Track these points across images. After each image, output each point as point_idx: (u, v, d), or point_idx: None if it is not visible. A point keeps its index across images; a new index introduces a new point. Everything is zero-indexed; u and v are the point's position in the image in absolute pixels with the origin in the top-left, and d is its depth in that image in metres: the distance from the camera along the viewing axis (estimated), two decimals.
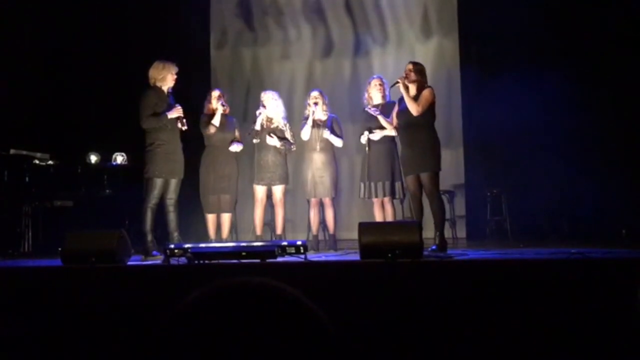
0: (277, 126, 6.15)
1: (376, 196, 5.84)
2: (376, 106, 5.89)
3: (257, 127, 6.05)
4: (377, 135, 5.80)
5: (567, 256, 3.99)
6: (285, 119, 6.24)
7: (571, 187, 6.77)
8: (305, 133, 6.07)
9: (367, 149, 5.86)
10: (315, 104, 6.08)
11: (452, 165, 7.17)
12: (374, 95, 5.97)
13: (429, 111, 5.20)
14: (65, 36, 7.78)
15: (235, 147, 6.08)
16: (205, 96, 6.22)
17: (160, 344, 0.73)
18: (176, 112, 5.44)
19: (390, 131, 5.78)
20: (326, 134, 6.04)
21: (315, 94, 6.19)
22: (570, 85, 6.81)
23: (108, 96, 7.51)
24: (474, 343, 3.39)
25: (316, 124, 6.09)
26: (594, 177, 6.61)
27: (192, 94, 6.39)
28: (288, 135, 6.15)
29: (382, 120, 5.74)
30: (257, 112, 6.12)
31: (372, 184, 5.84)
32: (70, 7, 7.77)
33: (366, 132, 5.85)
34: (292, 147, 6.21)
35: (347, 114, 7.59)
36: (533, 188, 6.97)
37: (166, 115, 5.39)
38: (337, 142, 6.13)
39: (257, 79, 8.28)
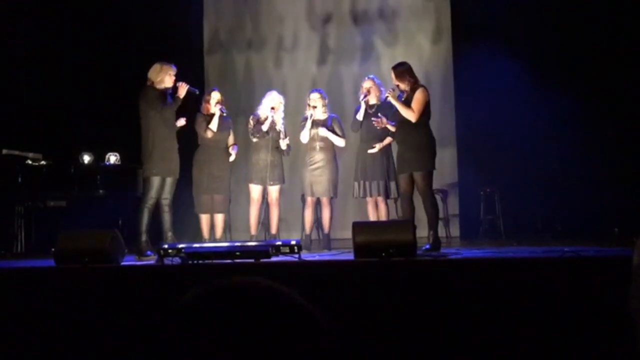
0: (278, 128, 6.13)
1: (370, 195, 5.84)
2: (372, 106, 5.87)
3: (283, 131, 6.06)
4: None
5: (560, 254, 4.01)
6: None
7: (564, 185, 6.79)
8: (304, 136, 6.04)
9: (360, 130, 5.86)
10: (315, 107, 6.05)
11: (445, 164, 7.17)
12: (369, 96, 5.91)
13: (424, 110, 5.20)
14: (58, 36, 7.74)
15: (235, 154, 6.06)
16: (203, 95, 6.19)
17: (155, 344, 0.73)
18: (182, 90, 5.43)
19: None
20: (322, 131, 6.01)
21: (315, 96, 6.12)
22: (565, 85, 6.84)
23: (101, 96, 7.47)
24: (468, 341, 3.40)
25: (315, 123, 6.06)
26: (587, 175, 6.64)
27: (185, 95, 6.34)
28: (283, 133, 6.14)
29: (390, 127, 5.58)
30: (274, 116, 6.03)
31: (367, 183, 5.83)
32: (64, 8, 7.73)
33: (363, 104, 5.81)
34: (289, 146, 6.20)
35: (349, 116, 7.57)
36: (526, 187, 6.99)
37: (178, 97, 5.41)
38: (338, 141, 6.10)
39: (254, 81, 8.23)
